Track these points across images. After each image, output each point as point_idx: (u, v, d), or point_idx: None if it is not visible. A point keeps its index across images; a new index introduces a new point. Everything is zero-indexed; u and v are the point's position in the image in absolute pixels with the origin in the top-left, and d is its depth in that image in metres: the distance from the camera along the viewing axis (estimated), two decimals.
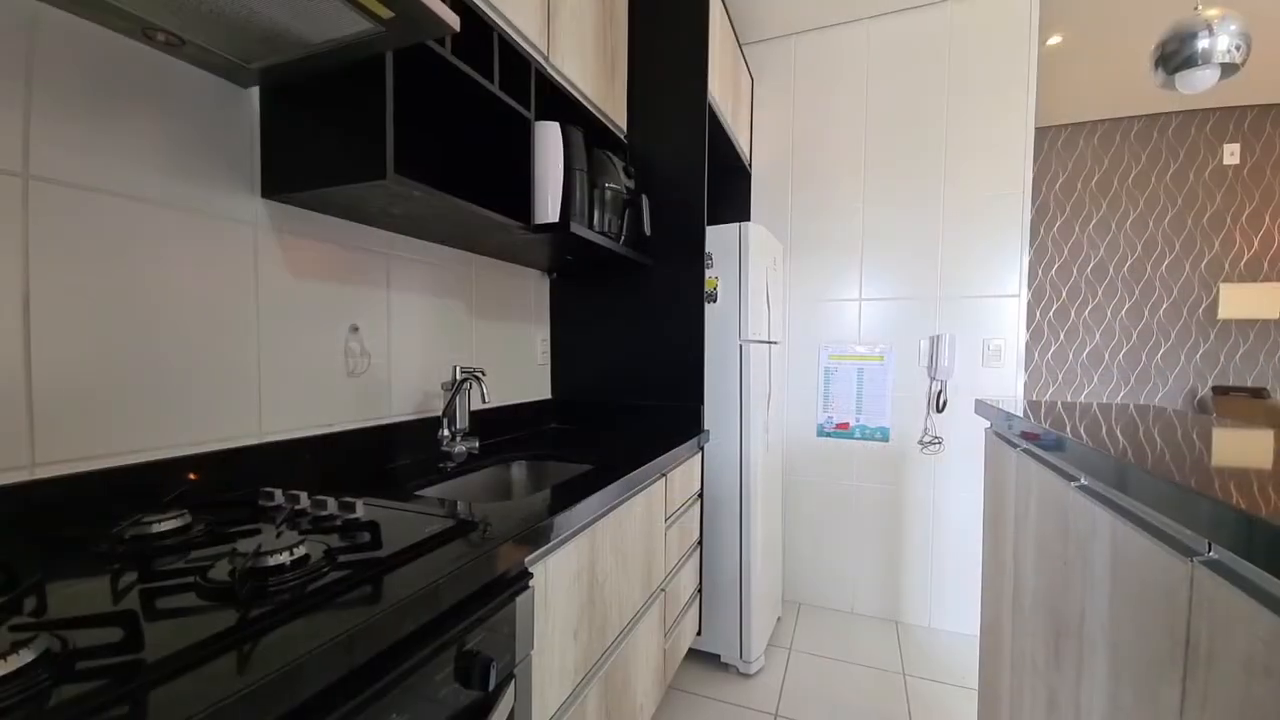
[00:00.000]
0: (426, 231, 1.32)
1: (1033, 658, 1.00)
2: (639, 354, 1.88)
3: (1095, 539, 0.74)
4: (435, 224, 1.24)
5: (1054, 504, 0.89)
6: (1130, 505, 0.68)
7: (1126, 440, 0.81)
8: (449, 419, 1.31)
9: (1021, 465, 1.06)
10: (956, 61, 2.22)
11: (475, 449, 1.35)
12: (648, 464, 1.32)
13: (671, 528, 1.56)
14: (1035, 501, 0.98)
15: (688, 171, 1.79)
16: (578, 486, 1.09)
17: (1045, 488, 0.93)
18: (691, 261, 1.79)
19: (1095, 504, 0.74)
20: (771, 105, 2.51)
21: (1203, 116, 3.19)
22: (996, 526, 1.26)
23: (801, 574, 2.54)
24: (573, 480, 1.15)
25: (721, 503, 1.96)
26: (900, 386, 2.37)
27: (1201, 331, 3.29)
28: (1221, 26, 1.20)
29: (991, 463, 1.32)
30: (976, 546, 2.28)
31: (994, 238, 2.21)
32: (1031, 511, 1.00)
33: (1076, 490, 0.79)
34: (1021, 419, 1.07)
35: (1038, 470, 0.97)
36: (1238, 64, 1.22)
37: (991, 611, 1.31)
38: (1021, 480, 1.06)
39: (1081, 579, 0.78)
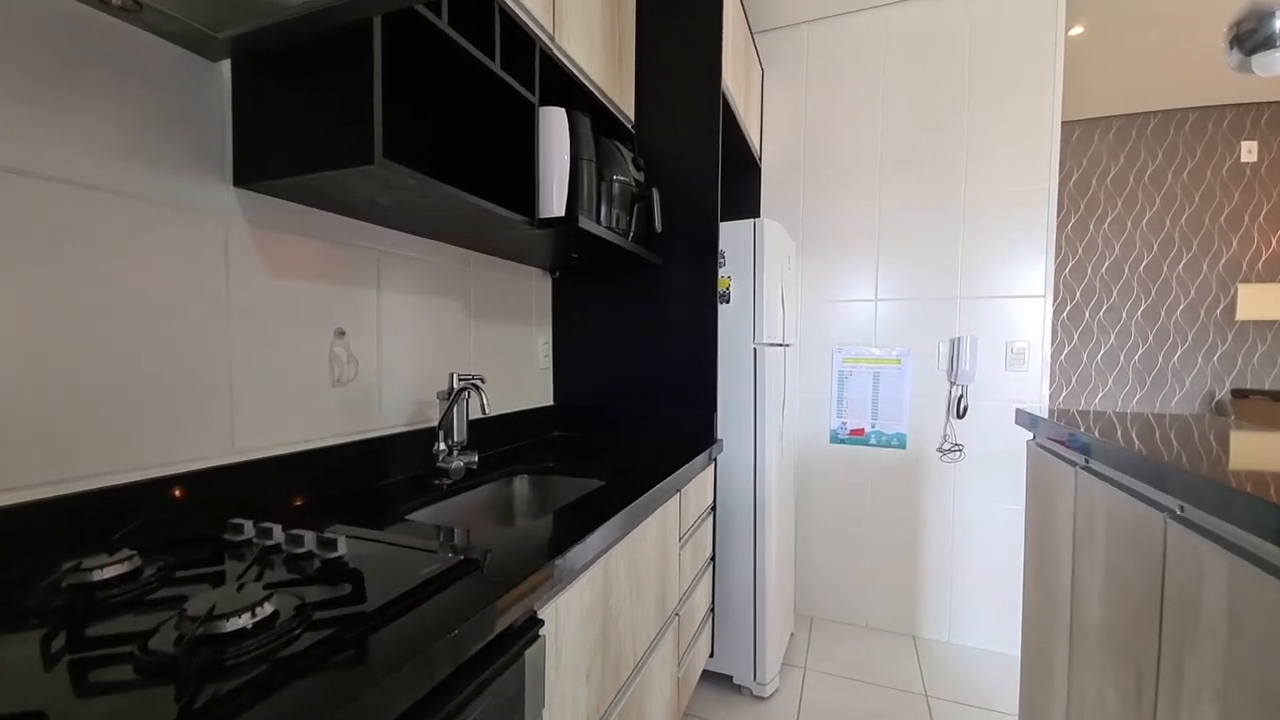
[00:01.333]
0: (420, 226, 1.20)
1: (1100, 695, 0.89)
2: (647, 358, 1.77)
3: (1205, 581, 0.63)
4: (429, 217, 1.13)
5: (1135, 534, 0.78)
6: (1256, 547, 0.58)
7: (1241, 467, 0.70)
8: (445, 431, 1.20)
9: (1084, 486, 0.95)
10: (978, 51, 2.12)
11: (474, 463, 1.24)
12: (663, 481, 1.21)
13: (685, 547, 1.45)
14: (1104, 527, 0.88)
15: (700, 165, 1.68)
16: (589, 509, 0.98)
17: (1120, 514, 0.83)
18: (703, 260, 1.69)
19: (1203, 540, 0.63)
20: (782, 97, 2.40)
21: (1220, 113, 3.11)
22: (1044, 547, 1.16)
23: (814, 586, 2.44)
24: (583, 501, 1.04)
25: (734, 516, 1.85)
26: (918, 391, 2.26)
27: (1219, 333, 3.20)
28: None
29: (1038, 479, 1.21)
30: (999, 558, 2.18)
31: (1017, 235, 2.11)
32: (1099, 538, 0.89)
33: (1175, 523, 0.69)
34: (1090, 436, 0.96)
35: (1107, 493, 0.87)
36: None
37: (1038, 638, 1.20)
38: (1084, 502, 0.95)
39: (1182, 621, 0.68)
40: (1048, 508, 1.13)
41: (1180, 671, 0.67)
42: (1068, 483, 1.02)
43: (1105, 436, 0.88)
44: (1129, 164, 3.30)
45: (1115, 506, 0.84)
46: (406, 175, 0.85)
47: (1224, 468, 0.66)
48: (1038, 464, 1.21)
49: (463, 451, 1.23)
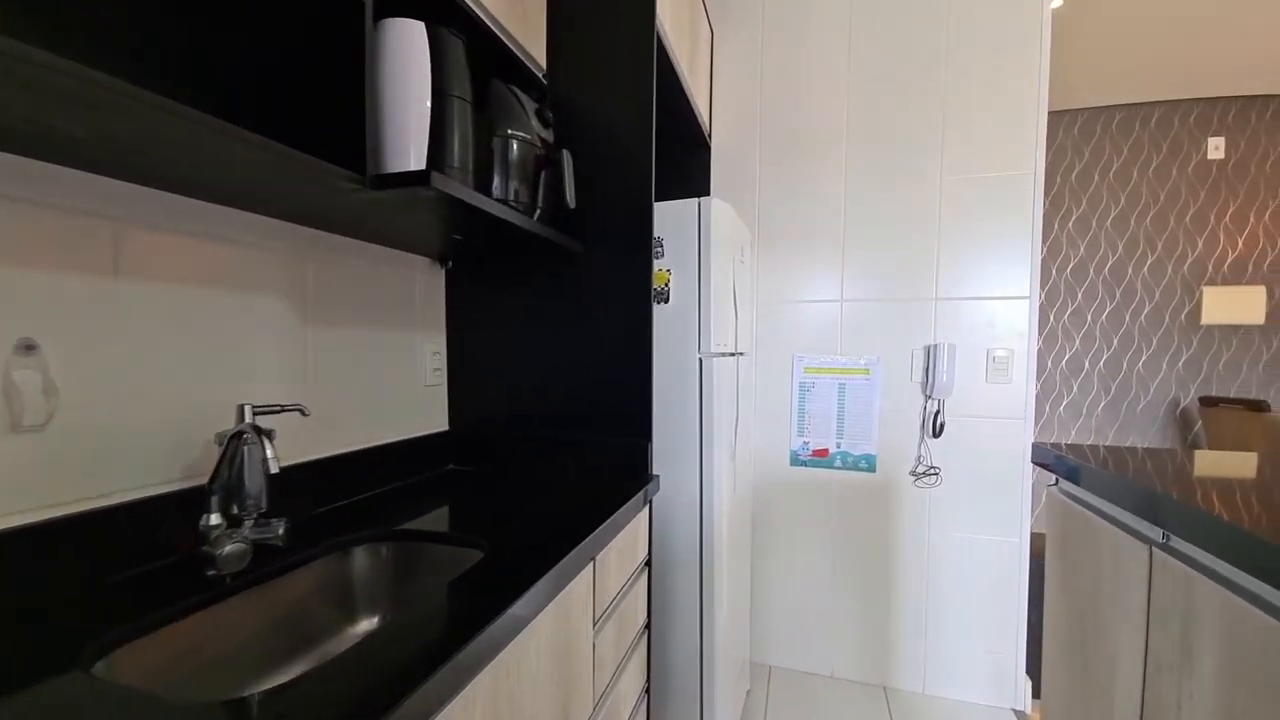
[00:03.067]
0: (188, 181, 0.79)
1: None
2: (565, 372, 1.39)
3: None
4: (187, 166, 0.72)
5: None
6: None
7: None
8: (224, 493, 0.79)
9: (1165, 572, 0.64)
10: (957, 18, 1.85)
11: (277, 536, 0.83)
12: (569, 554, 0.84)
13: (604, 630, 1.07)
14: (1225, 667, 0.56)
15: (629, 127, 1.32)
16: (454, 610, 0.61)
17: (1246, 635, 0.51)
18: (634, 248, 1.32)
19: None
20: (736, 64, 2.07)
21: (1186, 107, 2.98)
22: (1081, 649, 0.84)
23: (772, 631, 2.11)
24: (453, 587, 0.67)
25: (677, 566, 1.50)
26: (889, 405, 1.97)
27: (1184, 337, 3.08)
28: None
29: (1070, 541, 0.90)
30: (981, 597, 1.90)
31: (999, 228, 1.85)
32: (1205, 660, 0.57)
33: None
34: (1154, 494, 0.64)
35: (1233, 607, 0.55)
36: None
37: None
38: (1173, 601, 0.63)
39: None
40: (1091, 582, 0.82)
41: None
42: (1135, 562, 0.70)
43: (1242, 522, 0.56)
44: (1094, 160, 3.15)
45: (1245, 628, 0.52)
46: (79, 75, 0.45)
47: None
48: (1067, 517, 0.90)
49: (260, 520, 0.82)
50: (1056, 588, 0.94)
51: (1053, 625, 0.95)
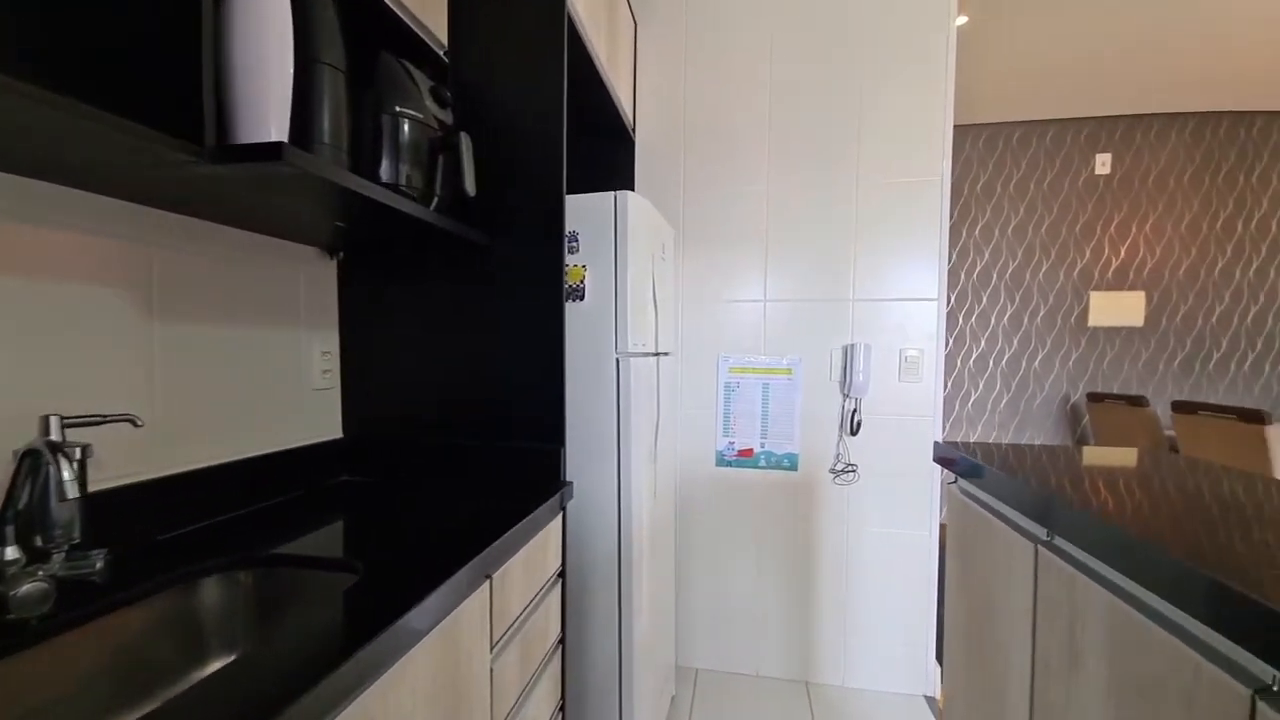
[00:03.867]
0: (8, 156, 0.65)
1: None
2: (473, 373, 1.30)
3: None
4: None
5: (1181, 702, 0.46)
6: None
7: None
8: (19, 523, 0.65)
9: (1055, 576, 0.64)
10: (870, 31, 1.89)
11: (95, 570, 0.70)
12: (457, 573, 0.76)
13: (505, 652, 1.00)
14: (1105, 660, 0.56)
15: (539, 113, 1.24)
16: (300, 651, 0.51)
17: (1147, 653, 0.51)
18: (545, 241, 1.25)
19: None
20: (660, 58, 2.04)
21: (1078, 125, 3.24)
22: (979, 638, 0.85)
23: (698, 634, 2.10)
24: (308, 621, 0.56)
25: (594, 576, 1.44)
26: (810, 404, 2.00)
27: (1074, 338, 3.34)
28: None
29: (968, 538, 0.91)
30: (896, 590, 1.96)
31: (909, 232, 1.91)
32: (1092, 676, 0.57)
33: (1265, 704, 0.36)
34: (1041, 494, 0.65)
35: (1113, 610, 0.55)
36: None
37: None
38: (1057, 597, 0.64)
39: None
40: (986, 577, 0.82)
41: None
42: (1021, 561, 0.71)
43: (1113, 521, 0.56)
44: (997, 172, 3.36)
45: (1129, 637, 0.52)
46: None
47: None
48: (968, 521, 0.91)
49: (72, 554, 0.69)
50: (956, 583, 0.95)
51: (953, 619, 0.97)
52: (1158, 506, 0.62)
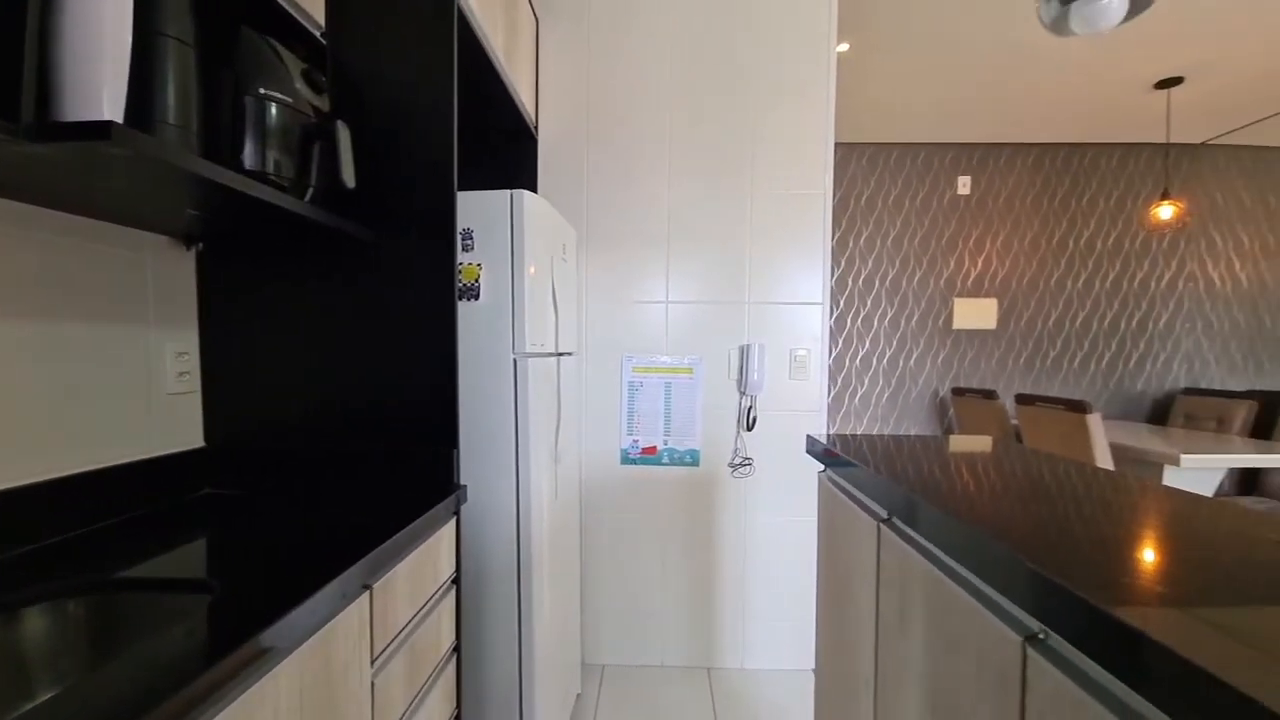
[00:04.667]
0: None
1: None
2: (358, 375, 1.23)
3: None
4: None
5: (978, 651, 0.54)
6: None
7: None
8: None
9: (889, 547, 0.73)
10: (763, 49, 2.01)
11: None
12: (327, 586, 0.72)
13: (390, 664, 0.96)
14: (923, 620, 0.64)
15: (428, 104, 1.21)
16: (137, 681, 0.46)
17: (952, 613, 0.59)
18: (436, 237, 1.21)
19: (1109, 710, 0.38)
20: (562, 58, 2.04)
21: (943, 150, 3.63)
22: (843, 612, 0.94)
23: (604, 631, 2.12)
24: (150, 648, 0.51)
25: (492, 580, 1.41)
26: (710, 402, 2.09)
27: (941, 339, 3.74)
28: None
29: (831, 521, 1.00)
30: (790, 575, 2.10)
31: (798, 241, 2.05)
32: (916, 631, 0.66)
33: (1044, 658, 0.44)
34: (902, 492, 0.74)
35: (929, 577, 0.63)
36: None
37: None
38: (894, 571, 0.72)
39: None
40: (843, 556, 0.91)
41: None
42: (868, 537, 0.79)
43: (924, 496, 0.65)
44: (878, 188, 3.69)
45: (940, 599, 0.61)
46: None
47: (1107, 583, 0.43)
48: (833, 506, 1.00)
49: None
50: (823, 561, 1.05)
51: (821, 593, 1.07)
52: (969, 487, 0.72)
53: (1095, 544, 0.51)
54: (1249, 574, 0.48)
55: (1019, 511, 0.62)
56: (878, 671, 0.76)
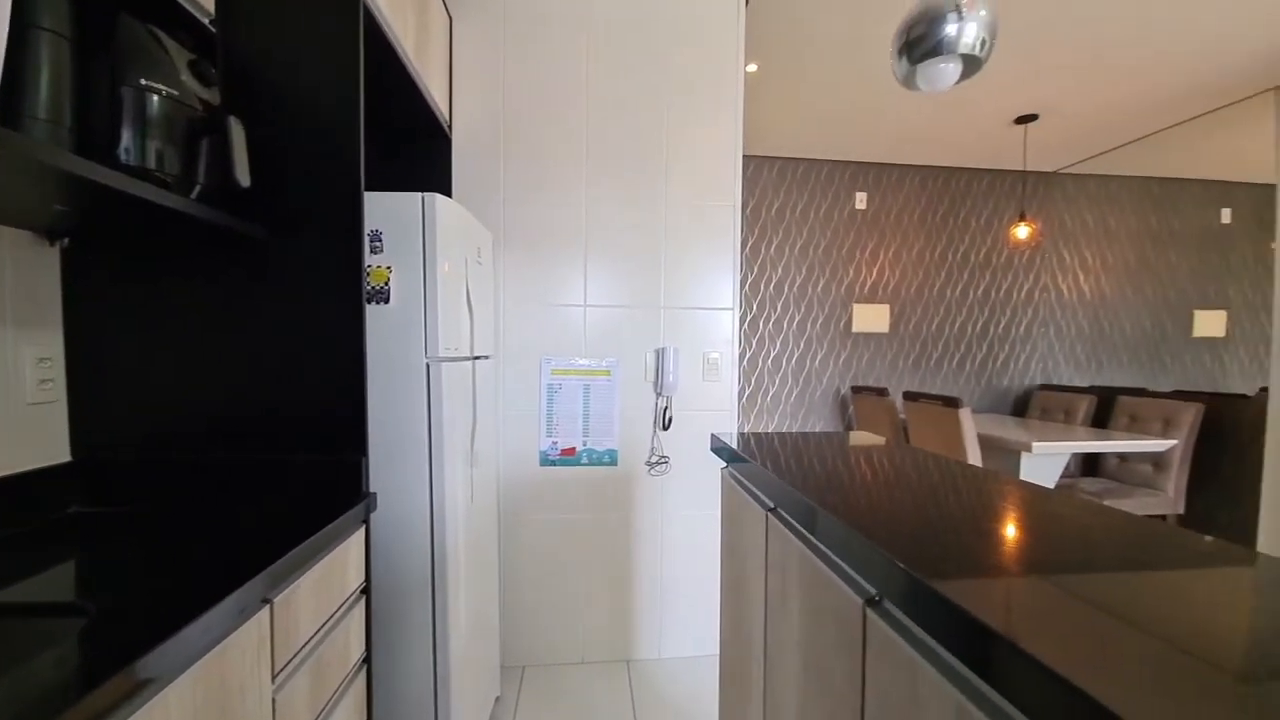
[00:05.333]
0: None
1: None
2: (256, 382, 1.17)
3: (920, 716, 0.47)
4: None
5: (835, 619, 0.63)
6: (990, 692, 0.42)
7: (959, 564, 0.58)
8: None
9: (775, 535, 0.82)
10: (676, 65, 2.10)
11: None
12: (224, 601, 0.70)
13: (293, 679, 0.93)
14: (799, 596, 0.73)
15: (332, 98, 1.17)
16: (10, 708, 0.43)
17: (816, 587, 0.68)
18: (341, 238, 1.18)
19: (923, 660, 0.47)
20: (477, 58, 2.02)
21: (844, 167, 3.93)
22: (740, 595, 1.03)
23: (525, 633, 2.13)
24: (18, 681, 0.47)
25: (406, 588, 1.39)
26: (628, 403, 2.15)
27: (842, 342, 4.05)
28: (970, 11, 1.16)
29: (731, 514, 1.09)
30: (704, 566, 2.21)
31: (710, 249, 2.16)
32: (793, 607, 0.75)
33: (879, 618, 0.53)
34: (767, 475, 0.83)
35: (803, 557, 0.72)
36: (981, 59, 1.21)
37: (736, 700, 1.08)
38: (777, 556, 0.81)
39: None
40: (741, 545, 1.00)
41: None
42: (758, 526, 0.88)
43: (796, 485, 0.74)
44: (786, 200, 3.93)
45: (808, 574, 0.70)
46: None
47: (930, 558, 0.53)
48: (732, 498, 1.09)
49: None
50: (725, 550, 1.14)
51: (723, 580, 1.16)
52: (836, 478, 0.82)
53: (924, 523, 0.62)
54: (1043, 548, 0.60)
55: (871, 497, 0.73)
56: (766, 646, 0.85)
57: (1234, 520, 2.99)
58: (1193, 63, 2.62)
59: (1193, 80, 2.78)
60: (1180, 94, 2.94)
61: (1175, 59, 2.59)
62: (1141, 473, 3.09)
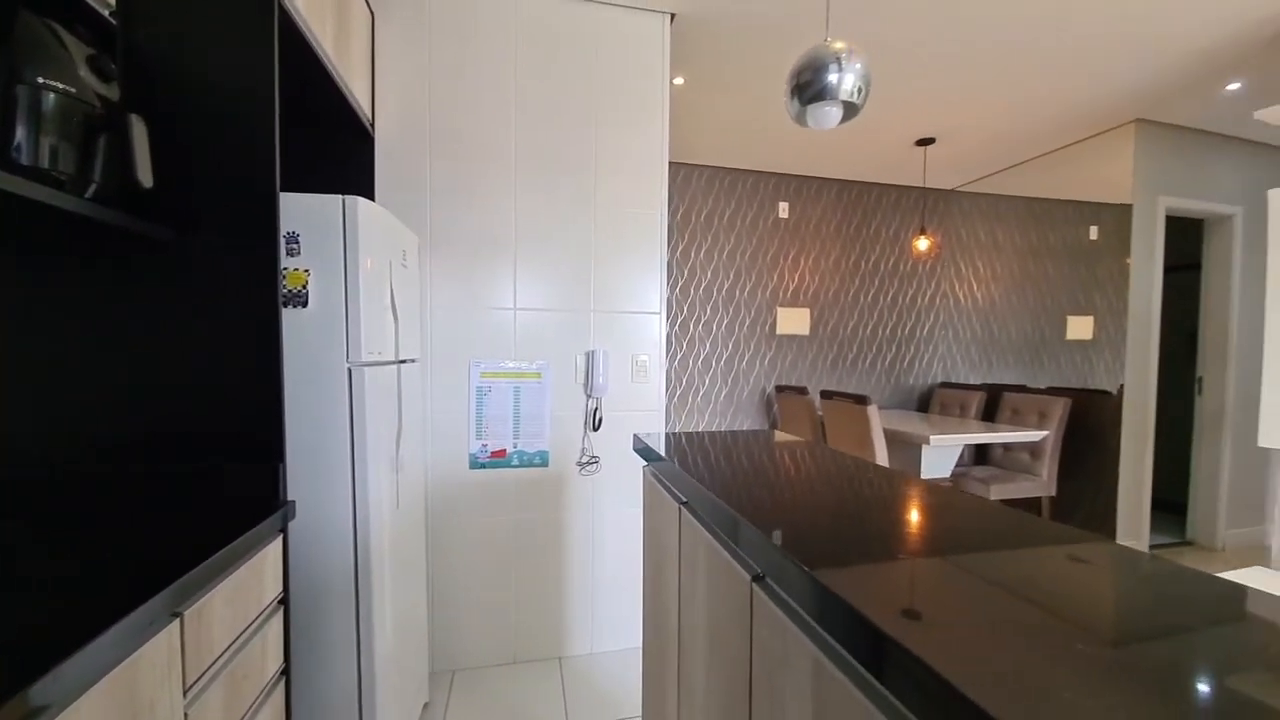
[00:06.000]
0: None
1: None
2: (163, 390, 1.13)
3: (790, 669, 0.55)
4: None
5: (730, 596, 0.71)
6: (846, 654, 0.51)
7: (833, 555, 0.67)
8: None
9: (687, 526, 0.89)
10: (603, 76, 2.16)
11: None
12: (128, 615, 0.69)
13: (206, 692, 0.91)
14: (705, 579, 0.81)
15: (241, 92, 1.14)
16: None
17: (718, 569, 0.76)
18: (254, 240, 1.15)
19: (792, 622, 0.56)
20: (401, 57, 2.00)
21: (768, 178, 4.14)
22: (660, 583, 1.11)
23: (454, 636, 2.12)
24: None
25: (328, 596, 1.37)
26: (558, 405, 2.19)
27: (768, 343, 4.27)
28: (849, 64, 1.31)
29: (652, 509, 1.17)
30: (633, 562, 2.29)
31: (637, 255, 2.24)
32: (700, 589, 0.83)
33: (762, 591, 0.62)
34: (679, 472, 0.91)
35: (708, 544, 0.80)
36: (858, 105, 1.37)
37: (656, 680, 1.16)
38: (689, 546, 0.89)
39: (770, 705, 0.60)
40: (660, 539, 1.08)
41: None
42: (673, 519, 0.96)
43: (700, 480, 0.82)
44: (715, 207, 4.09)
45: (714, 561, 0.78)
46: None
47: (813, 544, 0.62)
48: (652, 494, 1.16)
49: None
50: (647, 543, 1.21)
51: (646, 569, 1.23)
52: (734, 473, 0.92)
53: (805, 510, 0.71)
54: (896, 530, 0.71)
55: (761, 489, 0.82)
56: (680, 630, 0.93)
57: (1097, 500, 3.42)
58: (1066, 98, 2.98)
59: (1066, 113, 3.17)
60: (1055, 125, 3.34)
61: (1051, 95, 2.94)
62: (1021, 460, 3.47)
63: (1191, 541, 3.64)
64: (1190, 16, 2.26)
